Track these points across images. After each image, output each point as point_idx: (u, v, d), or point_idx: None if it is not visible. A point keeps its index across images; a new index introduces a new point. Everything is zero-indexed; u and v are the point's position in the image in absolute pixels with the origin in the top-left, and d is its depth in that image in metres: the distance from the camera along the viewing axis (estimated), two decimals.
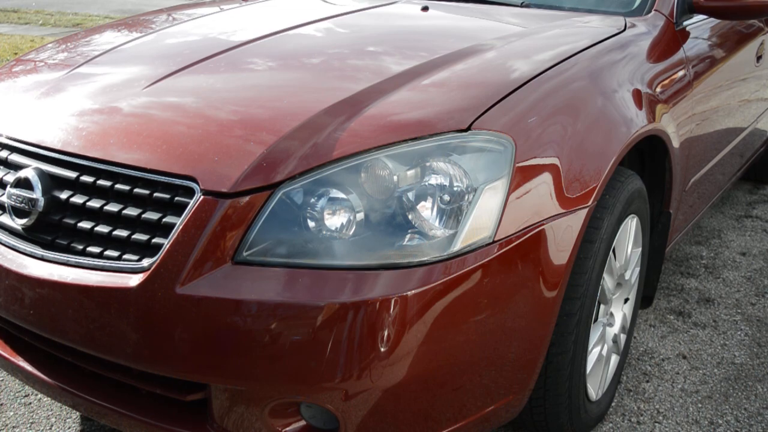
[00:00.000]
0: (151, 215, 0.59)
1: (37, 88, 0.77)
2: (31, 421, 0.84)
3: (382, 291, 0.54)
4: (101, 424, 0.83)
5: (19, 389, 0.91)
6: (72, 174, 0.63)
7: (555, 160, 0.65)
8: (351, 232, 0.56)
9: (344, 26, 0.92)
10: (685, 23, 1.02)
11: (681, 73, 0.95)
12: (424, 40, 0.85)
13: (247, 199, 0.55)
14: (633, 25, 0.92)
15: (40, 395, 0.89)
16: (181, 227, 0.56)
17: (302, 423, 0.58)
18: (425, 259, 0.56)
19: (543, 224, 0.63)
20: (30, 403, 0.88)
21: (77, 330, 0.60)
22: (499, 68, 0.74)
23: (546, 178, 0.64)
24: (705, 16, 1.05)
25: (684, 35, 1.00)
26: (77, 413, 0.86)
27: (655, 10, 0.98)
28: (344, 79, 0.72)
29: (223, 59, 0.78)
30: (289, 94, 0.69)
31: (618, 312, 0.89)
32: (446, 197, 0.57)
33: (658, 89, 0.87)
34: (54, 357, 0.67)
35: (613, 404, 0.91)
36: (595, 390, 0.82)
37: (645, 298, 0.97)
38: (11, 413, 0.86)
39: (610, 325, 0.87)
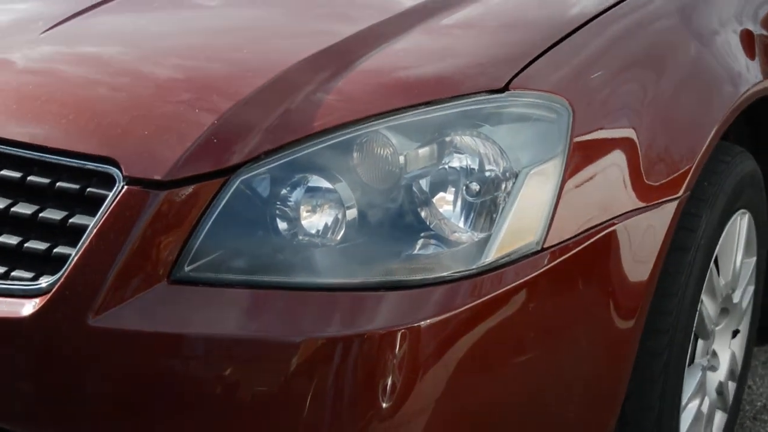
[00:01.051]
0: (53, 214, 0.57)
1: None
2: None
3: (384, 320, 0.53)
4: None
5: None
6: None
7: (630, 133, 0.64)
8: (339, 237, 0.56)
9: None
10: None
11: None
12: None
13: (190, 190, 0.55)
14: None
15: None
16: (95, 231, 0.55)
17: None
18: (445, 274, 0.55)
19: (613, 224, 0.61)
20: None
21: None
22: (548, 1, 0.74)
23: (617, 158, 0.63)
24: None
25: None
26: None
27: None
28: (329, 19, 0.72)
29: None
30: (252, 41, 0.69)
31: (724, 351, 0.89)
32: (475, 186, 0.57)
33: None
34: None
35: None
36: None
37: (762, 330, 0.97)
38: None
39: (713, 369, 0.87)
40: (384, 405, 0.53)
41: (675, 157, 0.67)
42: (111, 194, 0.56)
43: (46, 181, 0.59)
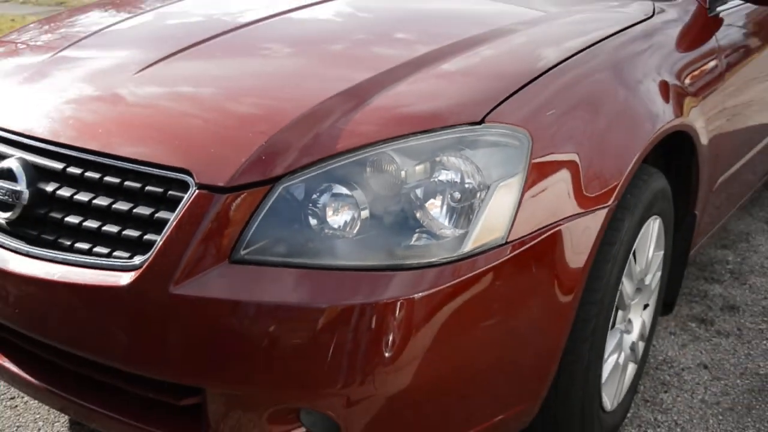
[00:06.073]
0: (143, 210, 0.58)
1: (19, 73, 0.77)
2: (17, 424, 0.85)
3: (388, 293, 0.53)
4: (91, 428, 0.83)
5: (4, 391, 0.92)
6: (58, 165, 0.63)
7: (574, 157, 0.64)
8: (355, 231, 0.56)
9: (350, 8, 0.92)
10: (719, 9, 1.01)
11: (712, 64, 0.94)
12: (436, 25, 0.84)
13: (245, 194, 0.55)
14: (662, 11, 0.92)
15: (26, 398, 0.90)
16: (174, 223, 0.56)
17: (302, 430, 0.58)
18: (434, 260, 0.55)
19: (560, 225, 0.62)
20: (16, 406, 0.88)
21: (65, 330, 0.60)
22: (516, 57, 0.73)
23: (564, 175, 0.63)
24: (741, 2, 1.05)
25: (717, 22, 0.99)
26: (66, 417, 0.87)
27: None
28: (349, 67, 0.71)
29: (220, 43, 0.78)
30: (291, 82, 0.69)
31: (637, 318, 0.88)
32: (457, 195, 0.57)
33: (687, 81, 0.86)
34: (41, 358, 0.67)
35: (628, 415, 0.91)
36: (610, 400, 0.82)
37: (666, 305, 0.97)
38: None
39: (628, 332, 0.87)
40: (387, 354, 0.53)
41: (607, 175, 0.67)
42: (186, 196, 0.56)
43: (138, 185, 0.60)
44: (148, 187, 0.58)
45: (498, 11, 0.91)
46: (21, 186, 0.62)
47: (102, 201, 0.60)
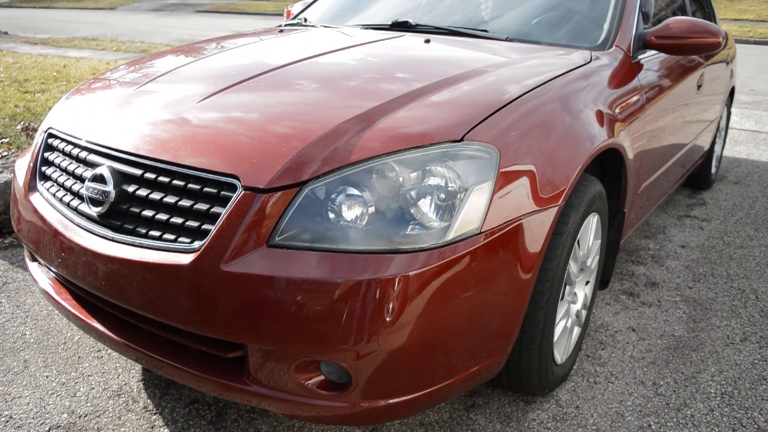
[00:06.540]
0: (201, 206, 0.58)
1: (110, 102, 0.77)
2: (102, 371, 0.86)
3: (388, 271, 0.53)
4: (158, 374, 0.83)
5: (93, 345, 0.92)
6: (138, 171, 0.63)
7: (532, 167, 0.64)
8: (364, 223, 0.55)
9: (361, 54, 0.91)
10: (640, 57, 1.02)
11: (635, 98, 0.94)
12: (426, 67, 0.84)
13: (279, 194, 0.55)
14: (597, 58, 0.92)
15: (110, 350, 0.91)
16: (225, 216, 0.56)
17: (321, 377, 0.58)
18: (424, 245, 0.55)
19: (521, 219, 0.62)
20: (102, 357, 0.89)
21: (140, 298, 0.59)
22: (487, 91, 0.72)
23: (524, 181, 0.63)
24: (656, 52, 1.06)
25: (639, 67, 1.00)
26: (139, 365, 0.87)
27: (616, 46, 0.97)
28: (360, 98, 0.70)
29: (262, 80, 0.78)
30: (315, 109, 0.68)
31: (580, 292, 0.88)
32: (442, 196, 0.57)
33: (617, 110, 0.86)
34: (121, 319, 0.67)
35: (574, 367, 0.90)
36: (560, 355, 0.82)
37: (602, 281, 0.97)
38: (87, 364, 0.87)
39: (574, 302, 0.86)
40: (387, 318, 0.53)
41: (557, 182, 0.67)
42: (234, 195, 0.56)
43: (197, 187, 0.59)
44: (205, 189, 0.58)
45: (473, 57, 0.91)
46: (109, 187, 0.64)
47: (170, 199, 0.60)
